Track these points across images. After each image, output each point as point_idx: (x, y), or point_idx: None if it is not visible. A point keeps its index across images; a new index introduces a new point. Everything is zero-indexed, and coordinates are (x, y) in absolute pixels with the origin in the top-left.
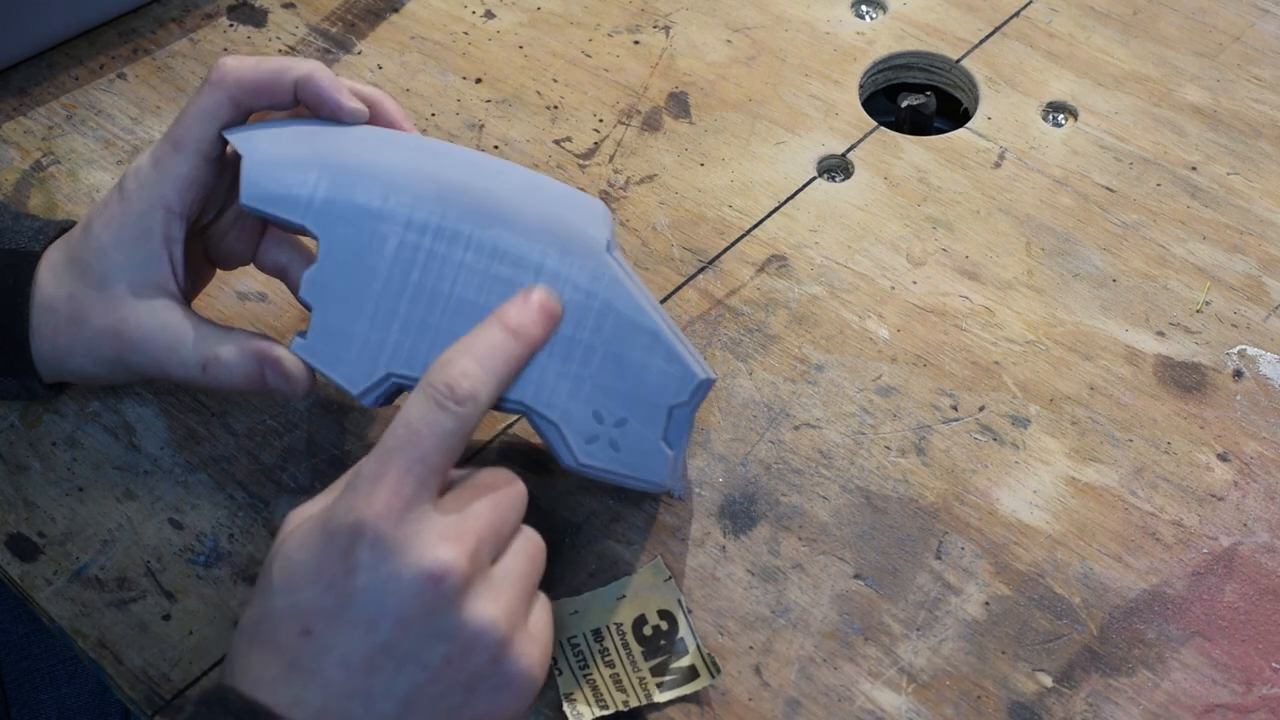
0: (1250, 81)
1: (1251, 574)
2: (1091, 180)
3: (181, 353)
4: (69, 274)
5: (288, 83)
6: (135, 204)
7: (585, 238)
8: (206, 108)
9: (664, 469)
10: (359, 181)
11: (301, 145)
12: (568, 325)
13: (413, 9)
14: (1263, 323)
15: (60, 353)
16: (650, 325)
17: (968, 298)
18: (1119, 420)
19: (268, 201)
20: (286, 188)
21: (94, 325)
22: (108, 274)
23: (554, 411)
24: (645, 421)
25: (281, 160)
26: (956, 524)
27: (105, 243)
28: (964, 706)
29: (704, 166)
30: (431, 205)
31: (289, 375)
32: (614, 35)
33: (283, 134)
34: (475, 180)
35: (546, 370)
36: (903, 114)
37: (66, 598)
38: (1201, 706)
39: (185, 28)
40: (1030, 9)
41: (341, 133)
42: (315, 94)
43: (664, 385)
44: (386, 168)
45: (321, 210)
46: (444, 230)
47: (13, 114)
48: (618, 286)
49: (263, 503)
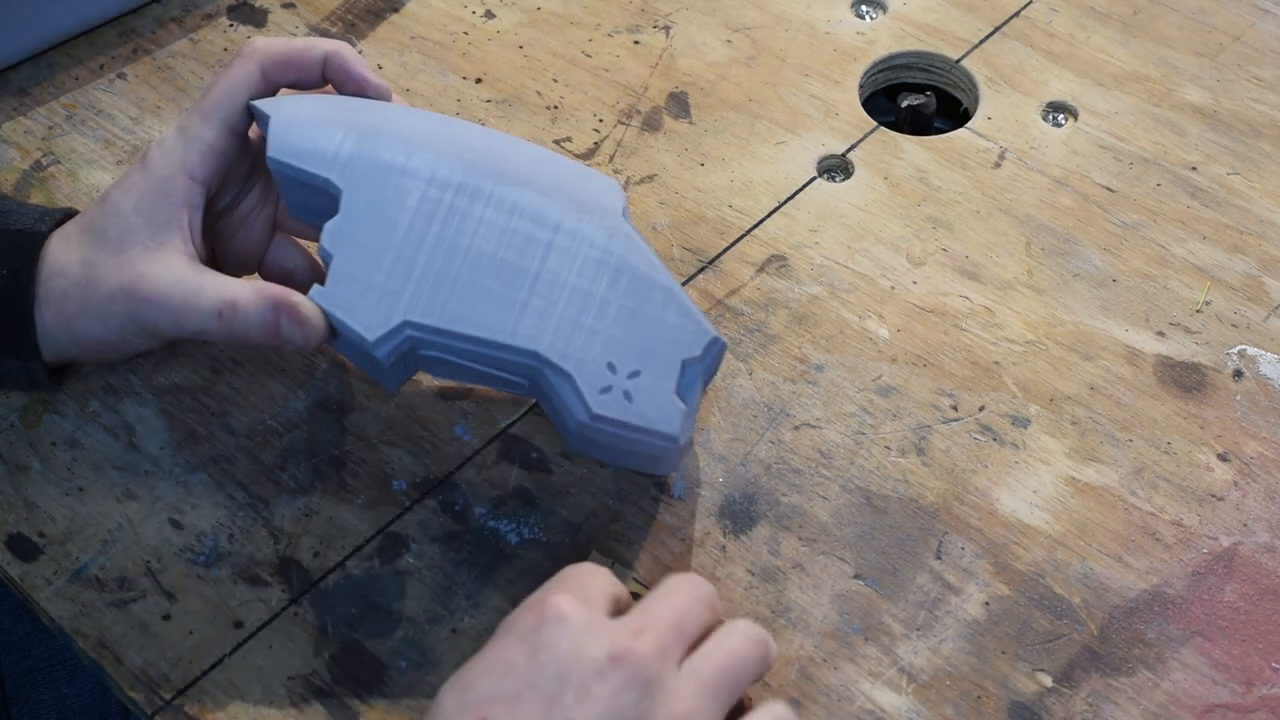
0: (1250, 81)
1: (1251, 574)
2: (1091, 180)
3: (197, 302)
4: (83, 241)
5: (316, 56)
6: (157, 170)
7: (601, 201)
8: (236, 78)
9: (677, 421)
10: (384, 140)
11: (328, 110)
12: (584, 279)
13: (413, 9)
14: (1263, 323)
15: (69, 318)
16: (665, 281)
17: (968, 298)
18: (1119, 420)
19: (294, 155)
20: (313, 142)
21: (106, 286)
22: (123, 236)
23: (568, 362)
24: (659, 374)
25: (309, 120)
26: (956, 524)
27: (123, 208)
28: (964, 706)
29: (704, 166)
30: (453, 164)
31: (305, 321)
32: (614, 35)
33: (309, 101)
34: (495, 148)
35: (562, 321)
36: (903, 114)
37: (66, 598)
38: (1201, 706)
39: (185, 28)
40: (1030, 9)
41: (367, 105)
42: (342, 68)
43: (678, 338)
44: (411, 130)
45: (346, 165)
46: (465, 186)
47: (13, 114)
48: (633, 244)
49: (263, 503)
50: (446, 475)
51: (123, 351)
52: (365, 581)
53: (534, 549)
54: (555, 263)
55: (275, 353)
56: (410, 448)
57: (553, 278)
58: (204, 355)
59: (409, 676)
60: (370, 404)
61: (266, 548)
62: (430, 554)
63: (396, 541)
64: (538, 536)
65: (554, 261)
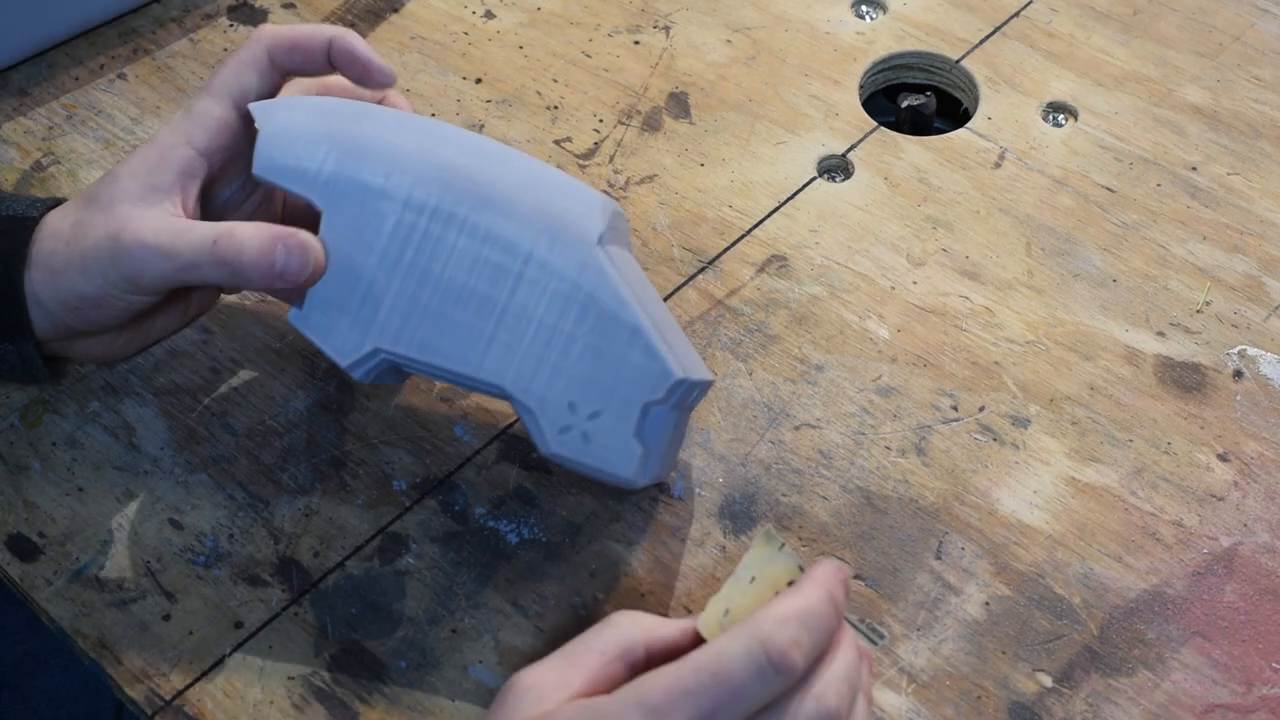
0: (1250, 81)
1: (1251, 574)
2: (1091, 180)
3: (191, 235)
4: (77, 207)
5: (322, 40)
6: (159, 140)
7: (577, 228)
8: (244, 59)
9: (632, 465)
10: (364, 158)
11: (317, 121)
12: (551, 314)
13: (413, 9)
14: (1263, 323)
15: (55, 274)
16: (631, 319)
17: (968, 298)
18: (1119, 420)
19: (278, 173)
20: (297, 160)
21: (93, 237)
22: (116, 196)
23: (531, 399)
24: (619, 416)
25: (295, 134)
26: (956, 524)
27: (121, 173)
28: (964, 706)
29: (704, 166)
30: (430, 186)
31: (304, 248)
32: (614, 35)
33: (302, 108)
34: (478, 165)
35: (527, 356)
36: (903, 114)
37: (66, 598)
38: (1201, 706)
39: (185, 28)
40: (1030, 9)
41: (359, 112)
42: (347, 52)
43: (640, 380)
44: (393, 147)
45: (327, 184)
46: (440, 212)
47: (13, 114)
48: (603, 279)
49: (263, 503)
50: (446, 475)
51: (104, 313)
52: (365, 581)
53: (534, 549)
54: (524, 295)
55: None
56: (410, 448)
57: (521, 311)
58: (204, 355)
59: (409, 676)
60: (370, 404)
61: (266, 548)
62: (430, 554)
63: (396, 541)
64: (538, 536)
65: (523, 294)
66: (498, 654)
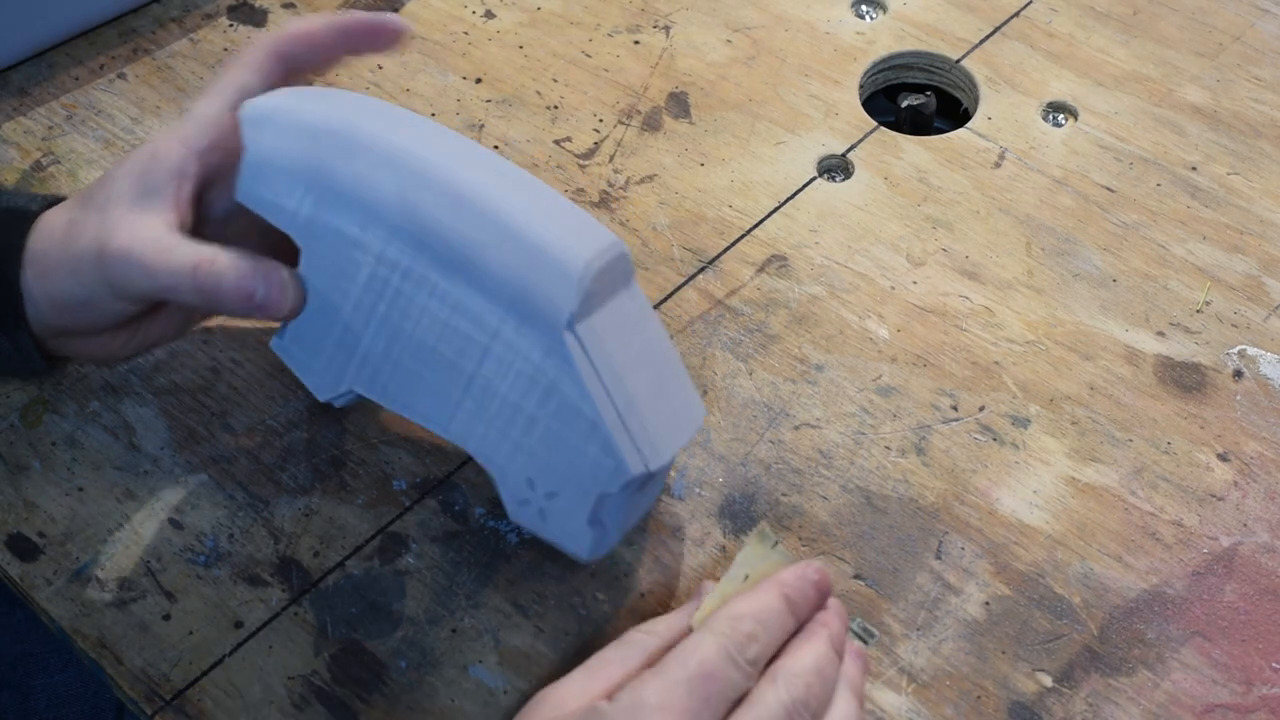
0: (1250, 81)
1: (1251, 574)
2: (1091, 180)
3: (171, 256)
4: (72, 206)
5: (329, 27)
6: (155, 141)
7: (547, 307)
8: (245, 61)
9: (585, 547)
10: (341, 205)
11: (303, 147)
12: (515, 392)
13: (413, 9)
14: (1263, 323)
15: (47, 273)
16: (591, 413)
17: (968, 298)
18: (1119, 420)
19: (257, 204)
20: (276, 195)
21: (83, 240)
22: (110, 198)
23: (494, 468)
24: (573, 501)
25: (278, 163)
26: (956, 524)
27: (115, 173)
28: (964, 706)
29: (704, 166)
30: (404, 244)
31: (284, 284)
32: (614, 35)
33: (291, 126)
34: (456, 221)
35: (491, 428)
36: (903, 114)
37: (66, 598)
38: (1201, 706)
39: (185, 28)
40: (1030, 9)
41: (351, 134)
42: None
43: (596, 473)
44: (372, 193)
45: (305, 226)
46: (412, 272)
47: (13, 114)
48: (567, 366)
49: (263, 503)
50: (446, 475)
51: (97, 318)
52: (365, 581)
53: (534, 549)
54: (490, 369)
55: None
56: (410, 448)
57: (487, 384)
58: (204, 355)
59: (409, 676)
60: (370, 404)
61: (266, 548)
62: (430, 554)
63: (396, 541)
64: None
65: (489, 368)
66: (498, 654)
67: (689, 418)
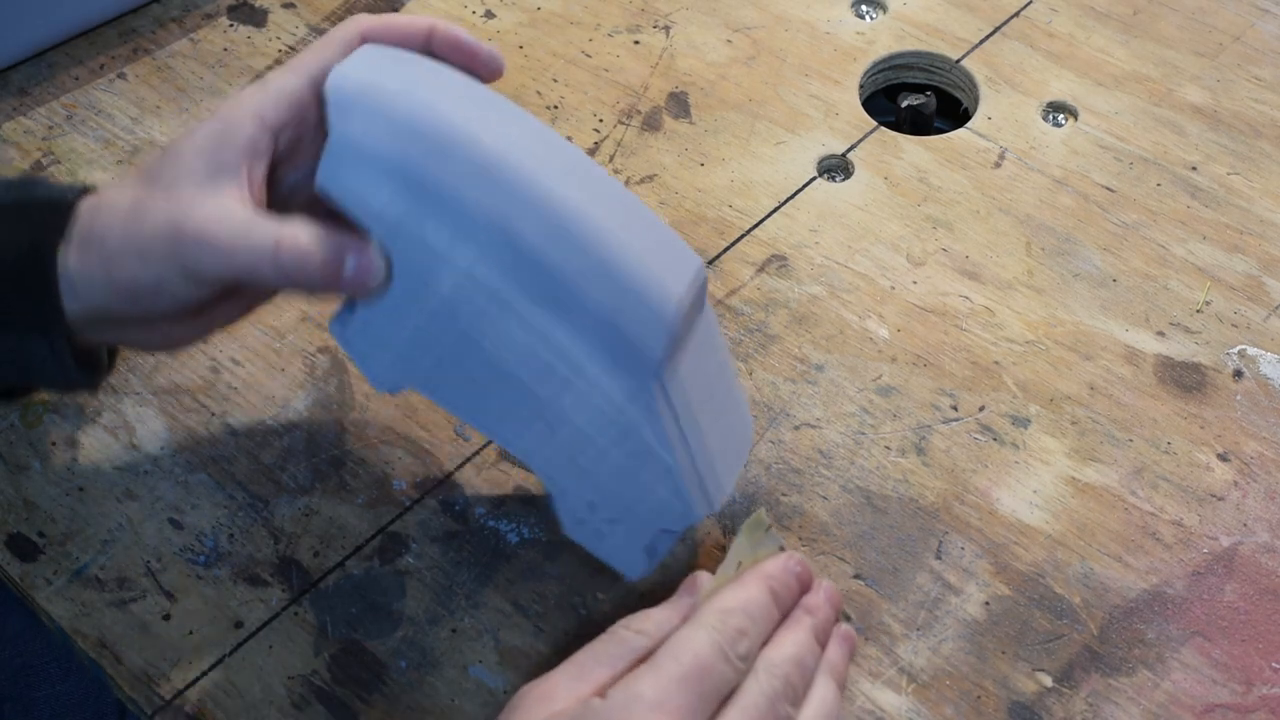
0: (1250, 81)
1: (1251, 574)
2: (1091, 180)
3: (250, 236)
4: (135, 183)
5: (422, 29)
6: (225, 113)
7: (638, 350)
8: (335, 37)
9: (638, 571)
10: (430, 214)
11: (395, 142)
12: (590, 426)
13: (413, 9)
14: (1263, 323)
15: (109, 256)
16: (667, 460)
17: (968, 298)
18: (1119, 420)
19: (340, 193)
20: (362, 188)
21: (153, 221)
22: (178, 177)
23: (554, 486)
24: (634, 530)
25: (367, 154)
26: (956, 524)
27: (183, 150)
28: (964, 706)
29: (704, 166)
30: (493, 266)
31: (373, 263)
32: (614, 35)
33: (384, 111)
34: (552, 248)
35: (558, 452)
36: (903, 114)
37: (66, 598)
38: (1201, 706)
39: (185, 28)
40: (1030, 9)
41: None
42: (451, 41)
43: (662, 512)
44: (468, 210)
45: (389, 226)
46: (498, 296)
47: (13, 114)
48: (650, 414)
49: (263, 503)
50: (446, 475)
51: (161, 304)
52: (365, 581)
53: (534, 549)
54: (569, 401)
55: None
56: (410, 448)
57: (562, 413)
58: (204, 355)
59: (409, 676)
60: (370, 404)
61: (266, 548)
62: (430, 554)
63: (396, 541)
64: (538, 536)
65: (568, 400)
66: (498, 654)
67: (744, 438)
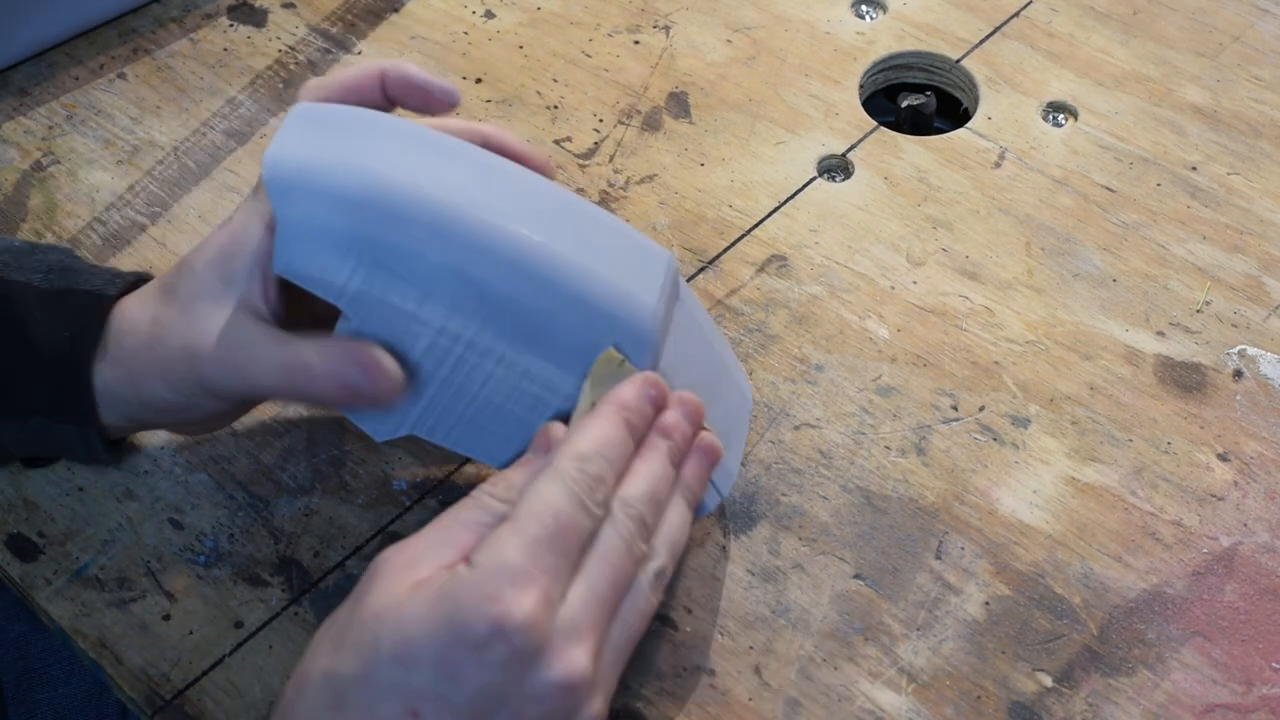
0: (1250, 81)
1: (1251, 574)
2: (1091, 180)
3: (264, 359)
4: (155, 299)
5: (373, 76)
6: (234, 223)
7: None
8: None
9: None
10: (394, 280)
11: (342, 216)
12: None
13: (413, 9)
14: (1263, 323)
15: (136, 377)
16: None
17: (968, 298)
18: (1119, 420)
19: (299, 277)
20: (320, 271)
21: (171, 344)
22: (193, 292)
23: None
24: None
25: (316, 235)
26: (956, 524)
27: (196, 264)
28: (964, 706)
29: (704, 166)
30: (465, 317)
31: (380, 368)
32: (614, 35)
33: (324, 189)
34: (522, 292)
35: None
36: (903, 114)
37: (66, 598)
38: (1201, 706)
39: (185, 28)
40: (1030, 9)
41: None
42: (403, 82)
43: None
44: (427, 270)
45: (355, 299)
46: (476, 343)
47: (13, 114)
48: None
49: (263, 503)
50: (446, 475)
51: (193, 415)
52: None
53: None
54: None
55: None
56: (410, 448)
57: None
58: None
59: None
60: None
61: (266, 548)
62: None
63: (397, 541)
64: None
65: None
66: None
67: (743, 410)
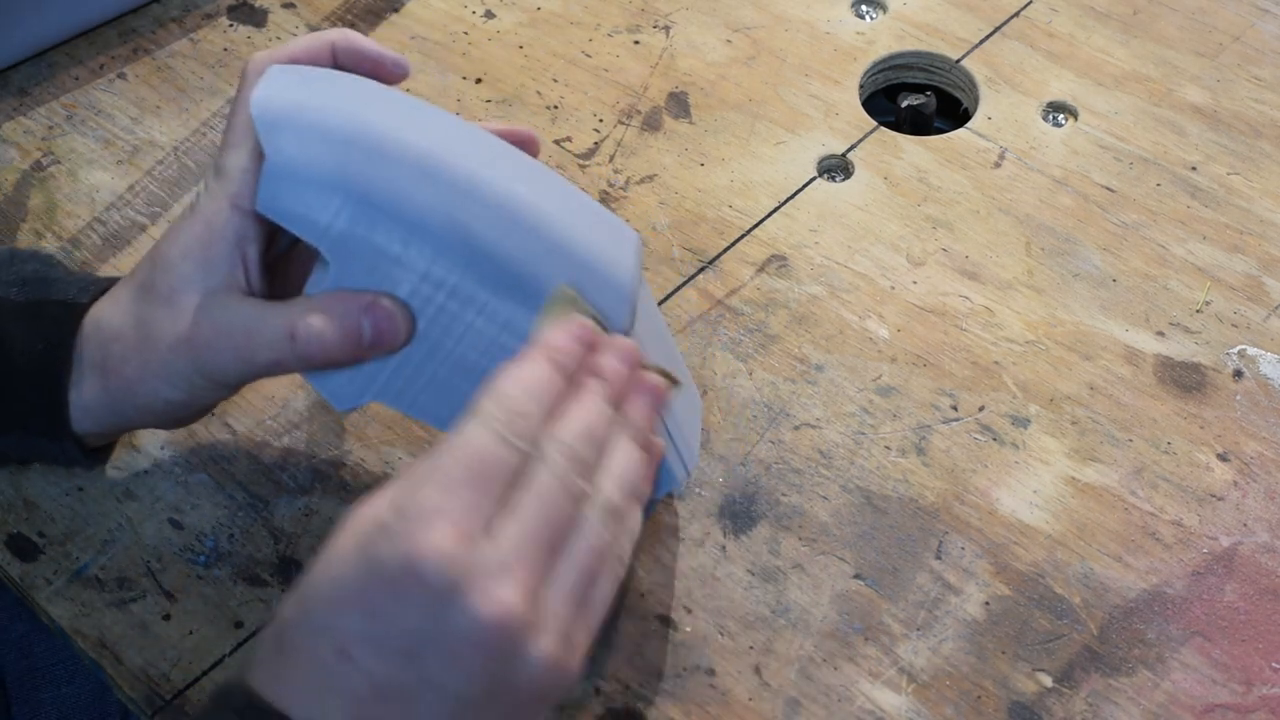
0: (1250, 81)
1: (1251, 574)
2: (1091, 180)
3: (264, 331)
4: (134, 299)
5: (323, 50)
6: (202, 210)
7: (604, 326)
8: (246, 97)
9: None
10: (380, 219)
11: (331, 154)
12: None
13: (413, 9)
14: (1263, 323)
15: (130, 383)
16: None
17: (968, 298)
18: (1119, 420)
19: (282, 215)
20: (305, 209)
21: (165, 341)
22: (175, 286)
23: None
24: None
25: (304, 174)
26: (956, 524)
27: (172, 256)
28: (964, 706)
29: (704, 166)
30: (451, 262)
31: (390, 312)
32: (614, 35)
33: (314, 129)
34: (505, 238)
35: None
36: (903, 114)
37: (66, 598)
38: (1201, 706)
39: (185, 28)
40: (1030, 9)
41: (382, 136)
42: (353, 51)
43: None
44: (416, 210)
45: (337, 240)
46: (459, 291)
47: (13, 114)
48: None
49: (263, 503)
50: None
51: (194, 409)
52: None
53: None
54: None
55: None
56: (410, 448)
57: None
58: None
59: None
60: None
61: (266, 548)
62: None
63: None
64: None
65: None
66: None
67: (694, 401)
